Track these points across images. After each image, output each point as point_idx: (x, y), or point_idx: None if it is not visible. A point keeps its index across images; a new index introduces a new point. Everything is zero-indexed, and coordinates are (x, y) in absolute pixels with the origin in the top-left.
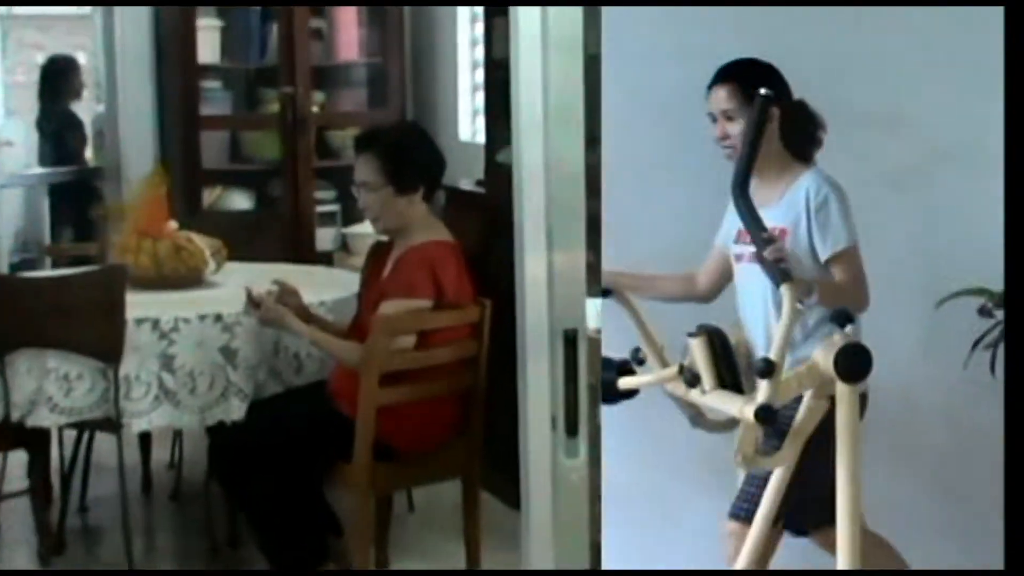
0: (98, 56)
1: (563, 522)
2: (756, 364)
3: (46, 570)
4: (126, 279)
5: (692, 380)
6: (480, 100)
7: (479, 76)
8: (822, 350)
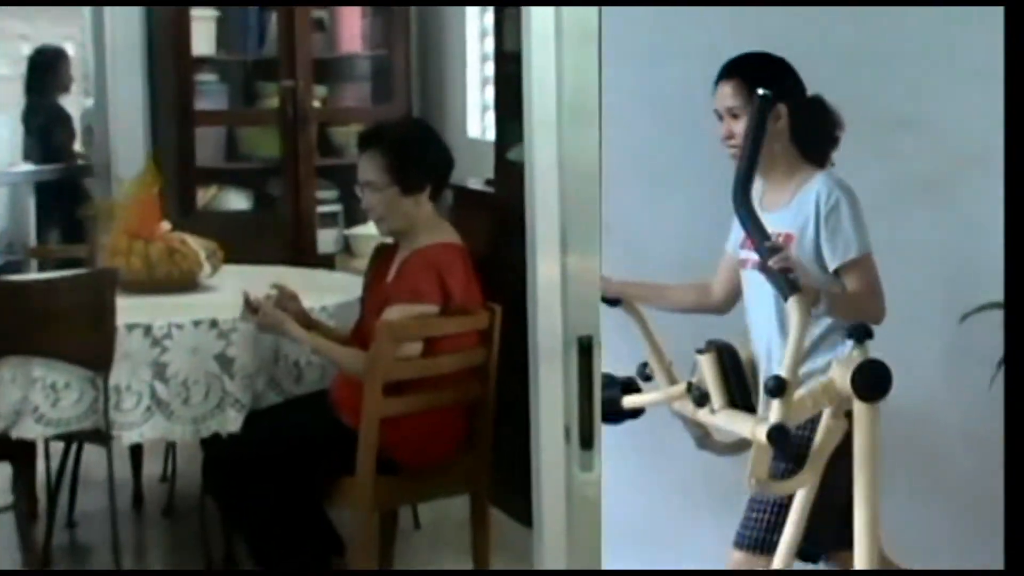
0: (87, 47)
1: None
2: (766, 383)
3: (46, 570)
4: (116, 283)
5: (701, 399)
6: (490, 95)
7: (489, 69)
8: (839, 367)
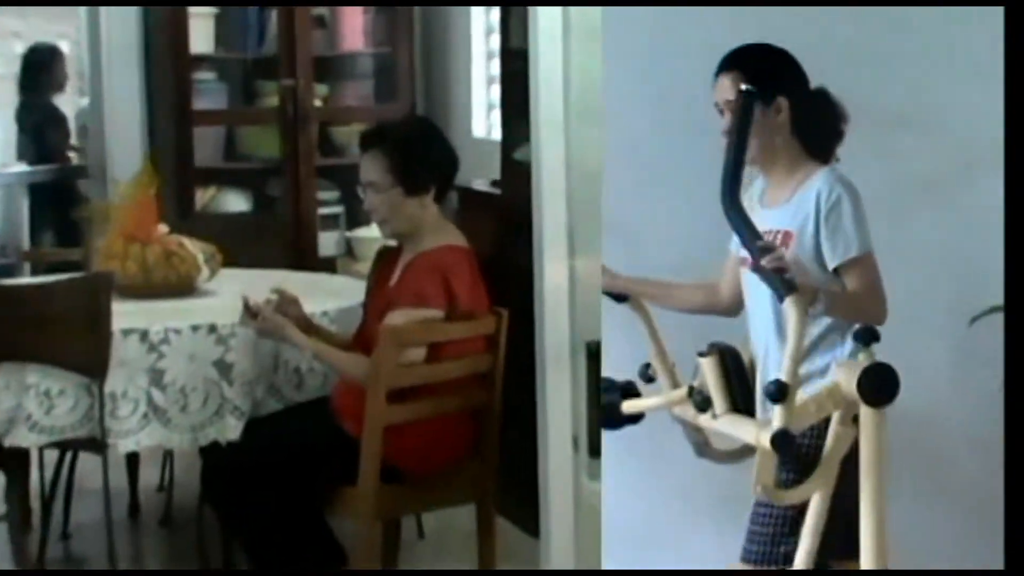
0: (82, 45)
1: (584, 550)
2: (766, 387)
3: (47, 570)
4: (112, 287)
5: (702, 403)
6: (496, 93)
7: (495, 67)
8: (844, 370)
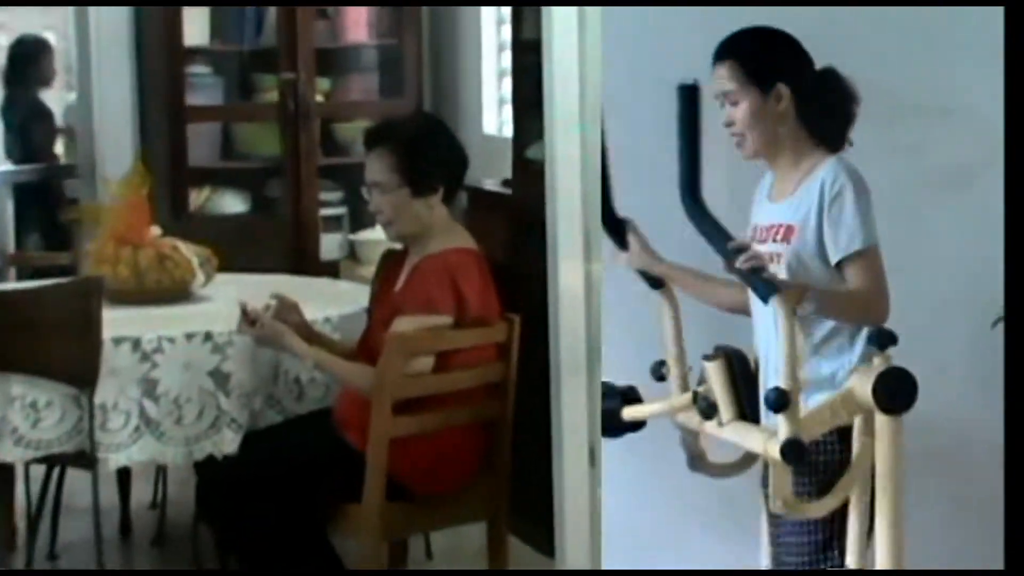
0: (69, 37)
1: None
2: (766, 395)
3: (48, 570)
4: (102, 293)
5: (708, 410)
6: (507, 87)
7: (506, 60)
8: (859, 375)
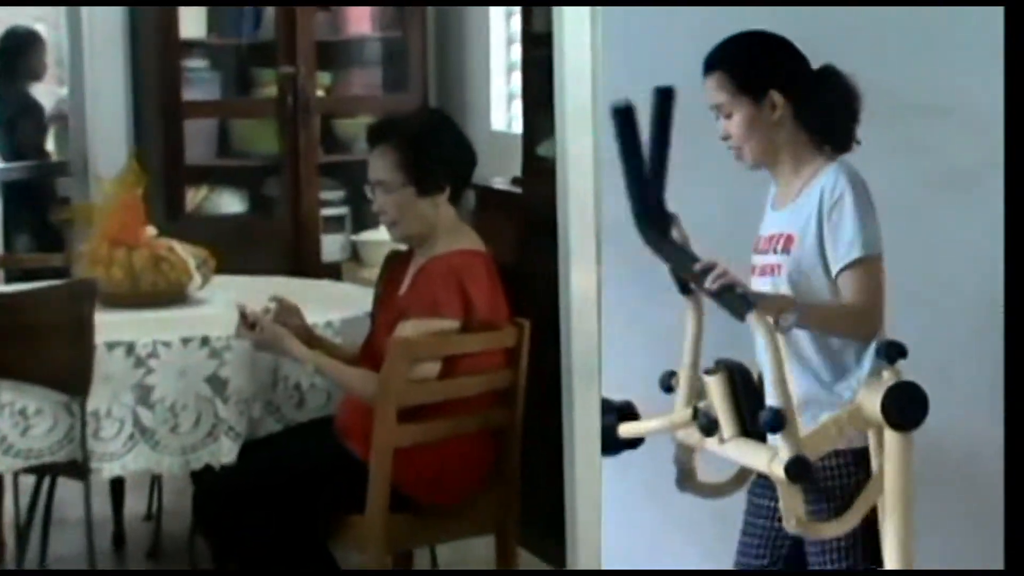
0: (60, 29)
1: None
2: (761, 415)
3: (47, 570)
4: (95, 295)
5: (709, 427)
6: (517, 82)
7: (516, 53)
8: (866, 389)
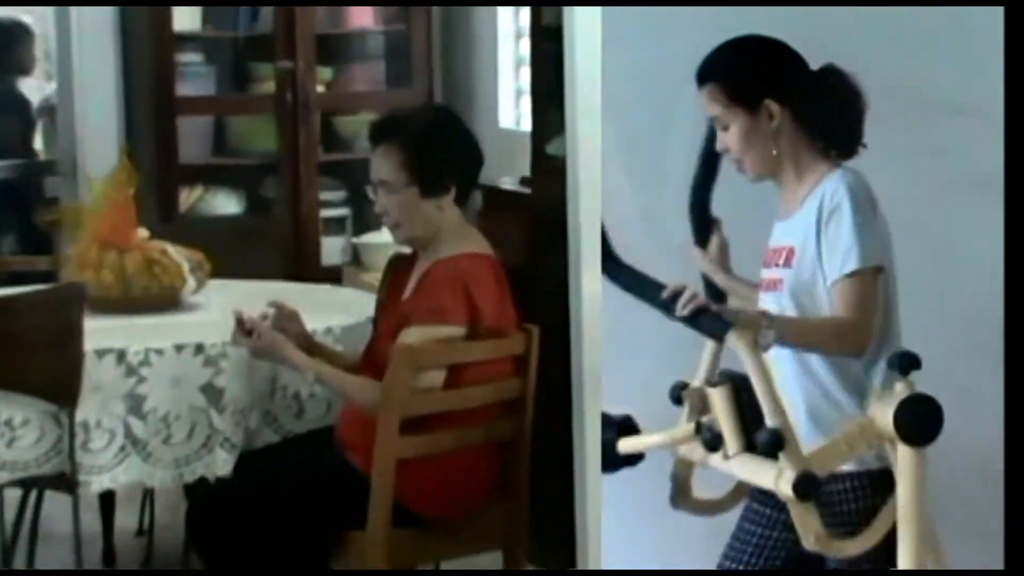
0: (47, 21)
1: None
2: (758, 436)
3: (48, 570)
4: (84, 300)
5: (713, 442)
6: (525, 77)
7: (524, 47)
8: (879, 403)
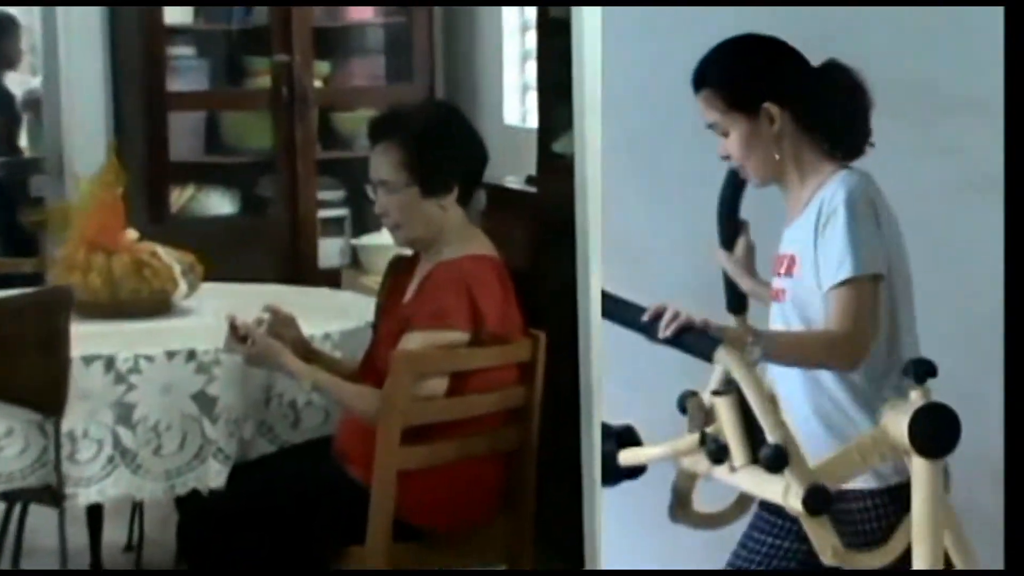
0: (33, 13)
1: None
2: (762, 453)
3: (48, 570)
4: (71, 305)
5: (718, 453)
6: (532, 72)
7: (530, 41)
8: (892, 412)
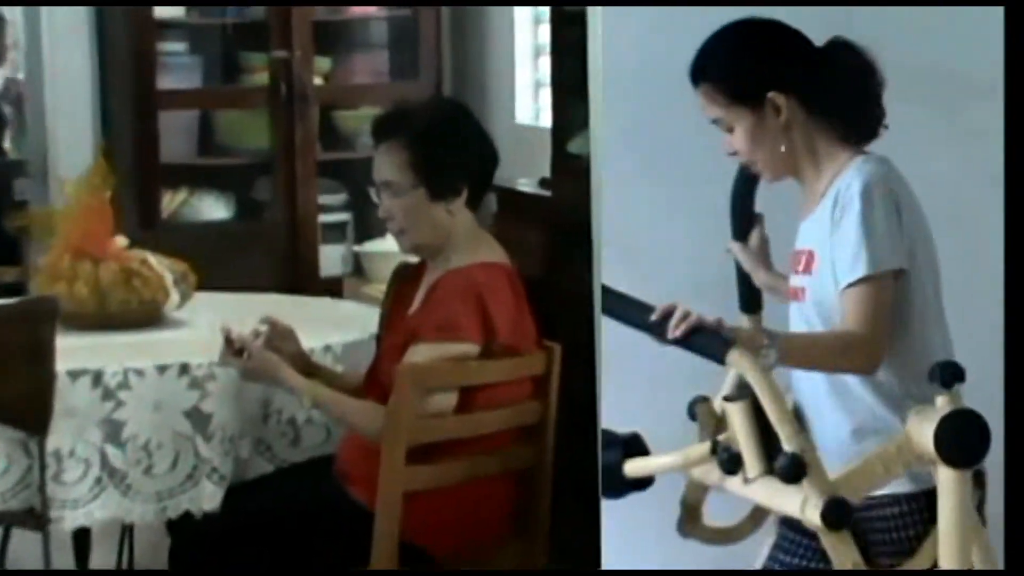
0: (15, 7)
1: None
2: (778, 463)
3: (48, 570)
4: (57, 316)
5: (730, 463)
6: (545, 69)
7: (544, 34)
8: (917, 419)
